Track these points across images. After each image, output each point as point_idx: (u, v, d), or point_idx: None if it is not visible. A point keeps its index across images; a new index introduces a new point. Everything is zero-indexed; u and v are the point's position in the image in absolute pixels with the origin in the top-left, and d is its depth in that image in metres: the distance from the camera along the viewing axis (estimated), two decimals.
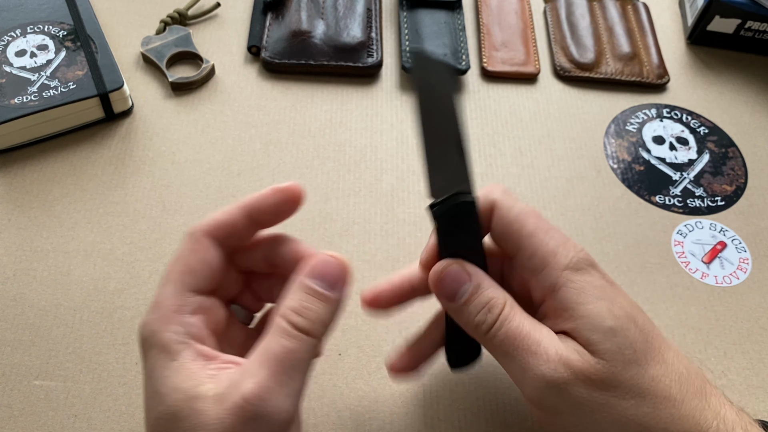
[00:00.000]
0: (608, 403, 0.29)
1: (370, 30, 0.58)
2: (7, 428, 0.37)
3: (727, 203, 0.51)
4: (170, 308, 0.29)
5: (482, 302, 0.30)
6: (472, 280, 0.31)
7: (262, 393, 0.26)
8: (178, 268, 0.30)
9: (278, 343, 0.27)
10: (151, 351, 0.28)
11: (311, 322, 0.28)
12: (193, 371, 0.27)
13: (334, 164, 0.50)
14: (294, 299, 0.29)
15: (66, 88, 0.49)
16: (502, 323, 0.30)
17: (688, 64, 0.61)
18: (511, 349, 0.30)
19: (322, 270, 0.29)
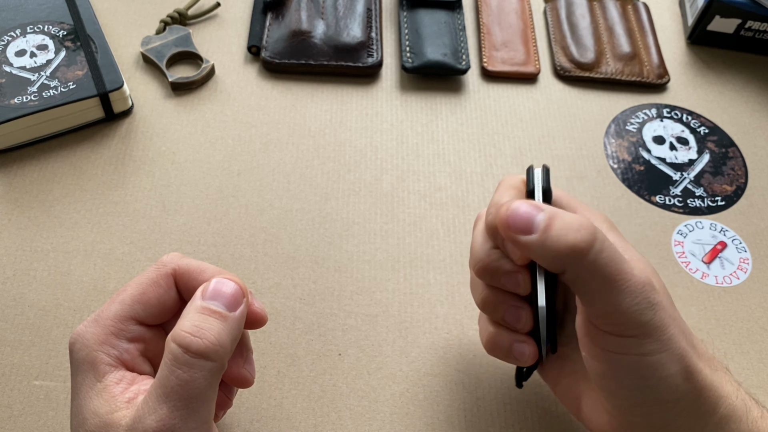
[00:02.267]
0: (676, 334, 0.29)
1: (370, 30, 0.58)
2: (7, 428, 0.37)
3: (728, 203, 0.51)
4: (109, 328, 0.28)
5: (568, 224, 0.28)
6: (544, 209, 0.29)
7: (164, 430, 0.25)
8: (133, 293, 0.30)
9: (173, 374, 0.26)
10: (81, 367, 0.28)
11: (208, 343, 0.26)
12: (113, 395, 0.27)
13: (334, 164, 0.50)
14: (188, 321, 0.27)
15: (66, 88, 0.49)
16: (602, 244, 0.27)
17: (688, 63, 0.61)
18: (614, 273, 0.27)
19: (218, 289, 0.28)
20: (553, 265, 0.28)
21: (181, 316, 0.28)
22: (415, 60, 0.56)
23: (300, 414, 0.39)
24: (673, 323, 0.29)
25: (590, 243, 0.27)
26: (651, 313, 0.28)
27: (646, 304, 0.28)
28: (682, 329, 0.30)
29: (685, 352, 0.29)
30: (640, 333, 0.28)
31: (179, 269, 0.31)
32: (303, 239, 0.46)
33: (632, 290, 0.27)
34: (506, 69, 0.57)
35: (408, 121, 0.54)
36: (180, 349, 0.26)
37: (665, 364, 0.28)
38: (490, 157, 0.52)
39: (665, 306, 0.29)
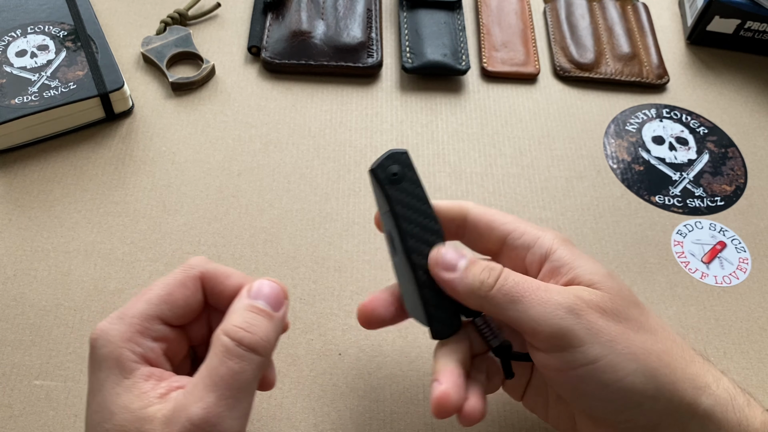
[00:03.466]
0: (625, 333, 0.29)
1: (370, 30, 0.58)
2: (8, 428, 0.37)
3: (727, 203, 0.51)
4: (135, 326, 0.29)
5: (482, 265, 0.31)
6: (467, 256, 0.32)
7: (210, 418, 0.26)
8: (160, 293, 0.30)
9: (224, 365, 0.27)
10: (105, 363, 0.28)
11: (259, 338, 0.28)
12: (143, 391, 0.27)
13: (334, 164, 0.50)
14: (238, 317, 0.29)
15: (66, 88, 0.49)
16: (506, 277, 0.30)
17: (687, 64, 0.61)
18: (523, 292, 0.30)
19: (264, 291, 0.30)
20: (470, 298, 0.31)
21: (230, 312, 0.29)
22: (415, 60, 0.56)
23: (300, 414, 0.39)
24: (615, 326, 0.29)
25: (496, 277, 0.30)
26: (572, 320, 0.29)
27: (564, 311, 0.29)
28: (642, 327, 0.30)
29: (639, 350, 0.29)
30: (570, 344, 0.29)
31: (207, 273, 0.31)
32: (303, 239, 0.46)
33: (544, 302, 0.29)
34: (506, 69, 0.57)
35: (408, 121, 0.54)
36: (233, 342, 0.28)
37: (618, 366, 0.29)
38: (490, 157, 0.52)
39: (598, 311, 0.29)
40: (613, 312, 0.30)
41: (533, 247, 0.33)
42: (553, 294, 0.30)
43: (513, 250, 0.33)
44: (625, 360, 0.29)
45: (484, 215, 0.34)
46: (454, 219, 0.34)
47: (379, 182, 0.32)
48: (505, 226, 0.33)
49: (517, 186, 0.51)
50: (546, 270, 0.32)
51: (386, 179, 0.32)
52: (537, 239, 0.33)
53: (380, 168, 0.32)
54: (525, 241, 0.33)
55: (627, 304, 0.30)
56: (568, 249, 0.32)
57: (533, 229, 0.33)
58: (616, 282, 0.31)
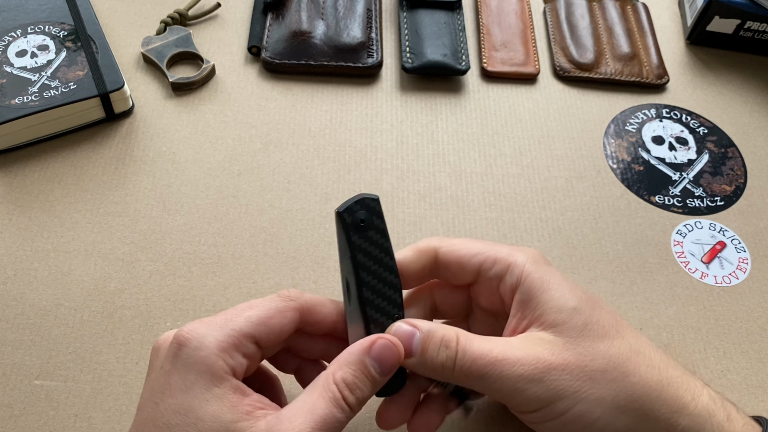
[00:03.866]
0: (590, 378, 0.29)
1: (370, 30, 0.58)
2: (8, 428, 0.37)
3: (727, 203, 0.51)
4: (233, 338, 0.29)
5: (436, 342, 0.31)
6: (420, 328, 0.31)
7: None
8: (261, 315, 0.31)
9: (329, 409, 0.28)
10: (195, 365, 0.28)
11: (358, 400, 0.29)
12: (233, 404, 0.28)
13: (334, 164, 0.50)
14: (350, 373, 0.29)
15: (66, 88, 0.49)
16: (464, 351, 0.30)
17: (687, 64, 0.61)
18: (482, 369, 0.30)
19: (384, 355, 0.30)
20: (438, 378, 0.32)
21: (347, 360, 0.30)
22: (415, 60, 0.56)
23: None
24: (578, 373, 0.29)
25: (453, 357, 0.30)
26: (535, 387, 0.29)
27: (525, 383, 0.29)
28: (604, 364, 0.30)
29: (605, 391, 0.29)
30: (538, 407, 0.30)
31: (305, 305, 0.32)
32: (303, 239, 0.46)
33: (505, 377, 0.29)
34: (506, 69, 0.58)
35: (408, 121, 0.54)
36: (339, 394, 0.29)
37: (585, 414, 0.29)
38: (489, 157, 0.52)
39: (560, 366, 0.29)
40: (576, 359, 0.30)
41: (505, 276, 0.33)
42: (511, 363, 0.29)
43: (487, 281, 0.34)
44: (593, 406, 0.29)
45: (451, 253, 0.34)
46: (425, 265, 0.34)
47: (345, 227, 0.31)
48: (476, 259, 0.33)
49: (517, 186, 0.51)
50: (516, 302, 0.32)
51: (352, 225, 0.31)
52: (508, 267, 0.33)
53: (347, 212, 0.31)
54: (496, 272, 0.33)
55: (593, 340, 0.30)
56: (537, 276, 0.32)
57: (504, 255, 0.33)
58: (581, 316, 0.31)
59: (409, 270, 0.34)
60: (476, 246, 0.34)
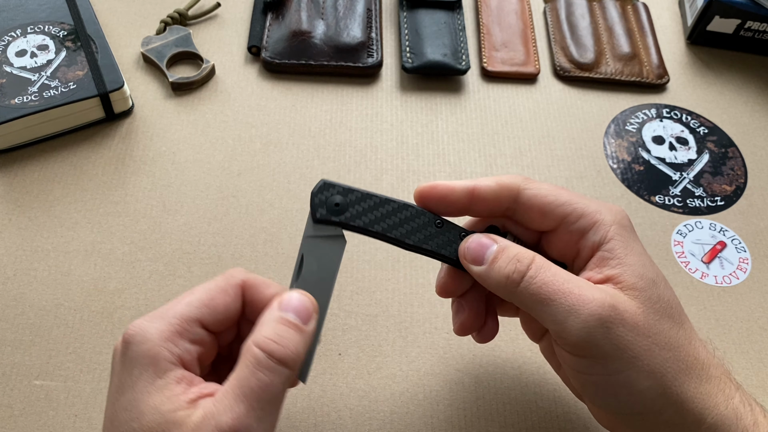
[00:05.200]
0: (650, 349, 0.29)
1: (370, 30, 0.58)
2: (8, 428, 0.37)
3: (727, 203, 0.51)
4: (175, 326, 0.29)
5: (509, 256, 0.30)
6: (498, 243, 0.31)
7: (239, 428, 0.26)
8: (202, 297, 0.30)
9: (255, 377, 0.27)
10: (140, 359, 0.28)
11: (289, 352, 0.28)
12: (175, 394, 0.27)
13: (334, 164, 0.50)
14: (270, 329, 0.29)
15: (66, 88, 0.49)
16: (536, 271, 0.30)
17: (687, 64, 0.61)
18: (552, 294, 0.29)
19: (296, 305, 0.30)
20: (501, 293, 0.31)
21: (260, 323, 0.29)
22: (415, 60, 0.56)
23: (300, 413, 0.39)
24: (643, 342, 0.29)
25: (523, 272, 0.30)
26: (601, 333, 0.28)
27: (594, 323, 0.28)
28: (667, 343, 0.30)
29: (659, 367, 0.29)
30: (593, 354, 0.29)
31: (248, 281, 0.32)
32: None
33: (574, 309, 0.29)
34: (506, 69, 0.57)
35: (408, 121, 0.54)
36: (264, 354, 0.28)
37: (634, 382, 0.29)
38: (490, 157, 0.52)
39: (630, 323, 0.29)
40: (645, 325, 0.29)
41: (588, 233, 0.32)
42: (586, 301, 0.29)
43: (567, 234, 0.32)
44: (642, 377, 0.29)
45: (536, 198, 0.32)
46: (503, 201, 0.33)
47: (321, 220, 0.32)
48: (561, 210, 0.32)
49: None
50: (596, 258, 0.31)
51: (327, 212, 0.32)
52: (594, 224, 0.32)
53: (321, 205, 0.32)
54: (580, 226, 0.32)
55: (661, 317, 0.30)
56: (623, 240, 0.31)
57: (592, 211, 0.32)
58: (657, 290, 0.30)
59: (483, 199, 0.32)
60: (562, 195, 0.32)
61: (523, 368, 0.41)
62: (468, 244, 0.32)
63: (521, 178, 0.33)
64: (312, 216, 0.32)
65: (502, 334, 0.43)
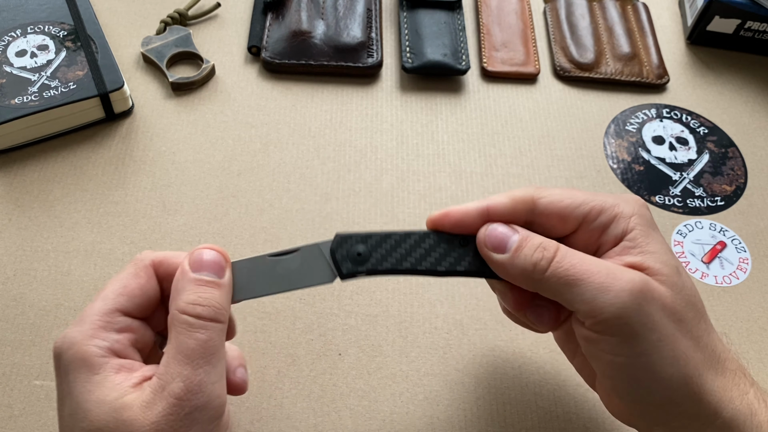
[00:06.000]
0: (674, 335, 0.29)
1: (370, 30, 0.58)
2: (8, 428, 0.37)
3: (727, 203, 0.51)
4: (96, 323, 0.29)
5: (535, 244, 0.30)
6: (519, 232, 0.31)
7: (192, 387, 0.27)
8: (115, 288, 0.30)
9: (192, 338, 0.28)
10: (71, 365, 0.28)
11: (216, 309, 0.29)
12: (117, 383, 0.28)
13: (334, 164, 0.50)
14: (190, 294, 0.29)
15: (66, 88, 0.49)
16: (563, 256, 0.29)
17: (687, 64, 0.61)
18: (581, 274, 0.29)
19: (204, 260, 0.30)
20: (524, 282, 0.31)
21: (178, 290, 0.30)
22: (415, 60, 0.56)
23: (300, 414, 0.39)
24: (669, 326, 0.29)
25: (550, 258, 0.30)
26: (633, 309, 0.28)
27: (627, 297, 0.28)
28: (690, 332, 0.29)
29: (683, 355, 0.29)
30: (621, 332, 0.28)
31: (156, 259, 0.32)
32: (303, 239, 0.46)
33: (605, 287, 0.28)
34: (506, 69, 0.57)
35: (408, 121, 0.54)
36: (192, 317, 0.28)
37: (658, 367, 0.28)
38: (490, 157, 0.52)
39: (659, 305, 0.29)
40: (672, 310, 0.29)
41: (609, 227, 0.31)
42: (616, 278, 0.28)
43: (588, 233, 0.32)
44: (666, 363, 0.28)
45: (553, 205, 0.32)
46: (519, 215, 0.32)
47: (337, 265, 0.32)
48: (580, 210, 0.32)
49: (517, 186, 0.51)
50: (618, 248, 0.31)
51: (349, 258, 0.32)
52: (614, 218, 0.31)
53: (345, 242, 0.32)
54: (601, 222, 0.31)
55: (685, 305, 0.30)
56: (644, 229, 0.31)
57: (610, 204, 0.32)
58: (681, 278, 0.30)
59: (499, 217, 0.32)
60: (578, 196, 0.32)
61: (523, 368, 0.41)
62: (488, 231, 0.31)
63: (533, 188, 0.33)
64: (338, 274, 0.32)
65: (502, 335, 0.43)
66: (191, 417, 0.27)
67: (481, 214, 0.32)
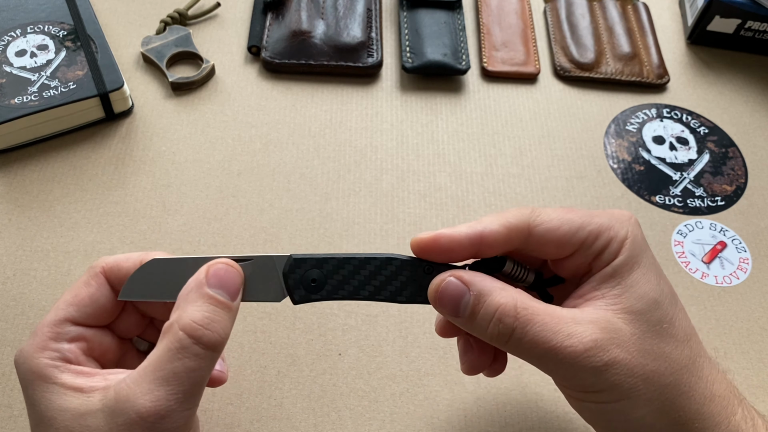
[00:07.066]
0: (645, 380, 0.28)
1: (370, 30, 0.58)
2: (8, 428, 0.37)
3: (727, 203, 0.51)
4: (46, 334, 0.29)
5: (489, 313, 0.28)
6: (471, 289, 0.29)
7: (159, 411, 0.26)
8: (66, 298, 0.30)
9: (180, 362, 0.26)
10: (26, 378, 0.28)
11: (218, 336, 0.27)
12: (77, 387, 0.27)
13: (334, 164, 0.50)
14: (197, 310, 0.27)
15: (66, 88, 0.49)
16: (523, 329, 0.28)
17: (688, 64, 0.61)
18: (542, 353, 0.28)
19: (224, 278, 0.28)
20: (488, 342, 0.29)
21: (185, 301, 0.28)
22: (415, 60, 0.56)
23: (300, 414, 0.39)
24: (636, 372, 0.28)
25: (508, 334, 0.28)
26: (596, 377, 0.28)
27: (586, 371, 0.28)
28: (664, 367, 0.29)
29: (656, 395, 0.28)
30: (592, 390, 0.28)
31: (106, 265, 0.31)
32: (303, 239, 0.46)
33: (568, 362, 0.27)
34: (506, 69, 0.57)
35: (408, 121, 0.54)
36: (190, 340, 0.26)
37: (629, 410, 0.28)
38: (490, 157, 0.52)
39: (619, 361, 0.28)
40: (639, 355, 0.28)
41: (605, 252, 0.30)
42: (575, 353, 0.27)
43: (582, 256, 0.31)
44: (639, 405, 0.28)
45: (550, 233, 0.30)
46: (513, 243, 0.30)
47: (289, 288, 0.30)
48: (578, 236, 0.30)
49: (517, 186, 0.50)
50: (601, 275, 0.30)
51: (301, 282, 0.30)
52: (609, 242, 0.30)
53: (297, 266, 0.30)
54: (598, 247, 0.30)
55: (660, 339, 0.29)
56: (632, 254, 0.30)
57: (605, 228, 0.30)
58: (659, 311, 0.29)
59: (491, 245, 0.30)
60: (574, 220, 0.31)
61: (523, 368, 0.41)
62: (440, 294, 0.29)
63: (528, 212, 0.31)
64: (291, 298, 0.30)
65: None
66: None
67: (473, 242, 0.30)
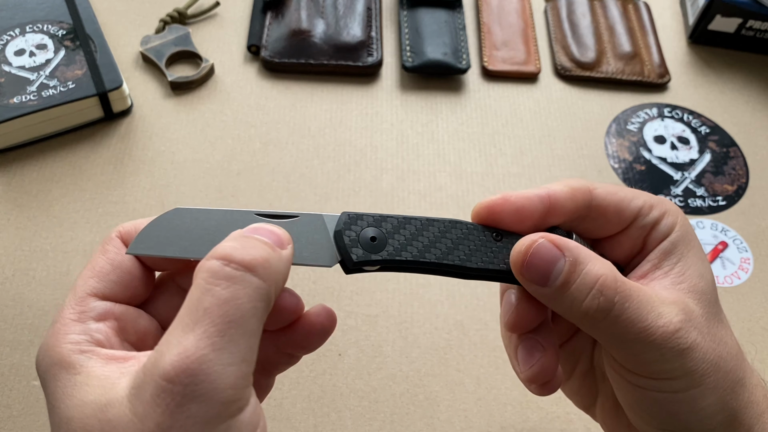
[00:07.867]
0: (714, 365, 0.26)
1: (370, 29, 0.58)
2: (7, 428, 0.37)
3: (729, 203, 0.51)
4: (68, 318, 0.23)
5: (587, 284, 0.25)
6: (567, 255, 0.25)
7: (189, 365, 0.19)
8: (83, 274, 0.25)
9: (209, 293, 0.20)
10: (48, 373, 0.23)
11: (253, 257, 0.21)
12: (105, 376, 0.22)
13: (334, 164, 0.50)
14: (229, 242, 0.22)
15: (65, 87, 0.48)
16: (621, 307, 0.25)
17: (689, 63, 0.61)
18: (636, 334, 0.25)
19: (262, 227, 0.24)
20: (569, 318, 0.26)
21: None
22: (415, 59, 0.55)
23: (300, 414, 0.39)
24: (708, 356, 0.27)
25: (608, 309, 0.25)
26: (679, 361, 0.26)
27: (673, 353, 0.25)
28: (725, 352, 0.27)
29: (721, 382, 0.27)
30: (668, 377, 0.27)
31: (123, 229, 0.26)
32: None
33: (657, 344, 0.25)
34: (507, 68, 0.57)
35: (408, 121, 0.54)
36: (219, 263, 0.21)
37: (698, 399, 0.27)
38: (490, 156, 0.52)
39: (698, 344, 0.26)
40: (712, 338, 0.27)
41: (660, 224, 0.28)
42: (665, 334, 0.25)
43: (638, 228, 0.29)
44: (707, 393, 0.26)
45: (610, 196, 0.28)
46: (578, 205, 0.28)
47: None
48: (635, 203, 0.28)
49: (518, 186, 0.50)
50: (659, 251, 0.28)
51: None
52: (664, 213, 0.28)
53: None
54: (654, 217, 0.28)
55: (719, 322, 0.28)
56: (687, 231, 0.28)
57: (658, 200, 0.29)
58: (715, 291, 0.28)
59: (561, 207, 0.27)
60: (626, 189, 0.29)
61: None
62: (529, 258, 0.25)
63: (584, 180, 0.29)
64: (346, 263, 0.25)
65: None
66: (185, 411, 0.19)
67: (543, 203, 0.27)
